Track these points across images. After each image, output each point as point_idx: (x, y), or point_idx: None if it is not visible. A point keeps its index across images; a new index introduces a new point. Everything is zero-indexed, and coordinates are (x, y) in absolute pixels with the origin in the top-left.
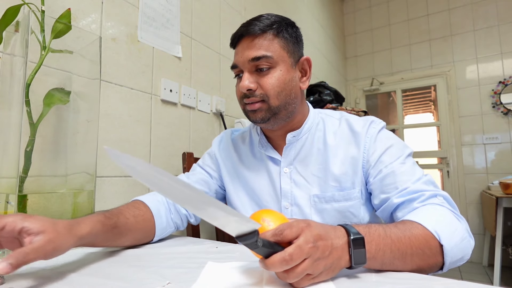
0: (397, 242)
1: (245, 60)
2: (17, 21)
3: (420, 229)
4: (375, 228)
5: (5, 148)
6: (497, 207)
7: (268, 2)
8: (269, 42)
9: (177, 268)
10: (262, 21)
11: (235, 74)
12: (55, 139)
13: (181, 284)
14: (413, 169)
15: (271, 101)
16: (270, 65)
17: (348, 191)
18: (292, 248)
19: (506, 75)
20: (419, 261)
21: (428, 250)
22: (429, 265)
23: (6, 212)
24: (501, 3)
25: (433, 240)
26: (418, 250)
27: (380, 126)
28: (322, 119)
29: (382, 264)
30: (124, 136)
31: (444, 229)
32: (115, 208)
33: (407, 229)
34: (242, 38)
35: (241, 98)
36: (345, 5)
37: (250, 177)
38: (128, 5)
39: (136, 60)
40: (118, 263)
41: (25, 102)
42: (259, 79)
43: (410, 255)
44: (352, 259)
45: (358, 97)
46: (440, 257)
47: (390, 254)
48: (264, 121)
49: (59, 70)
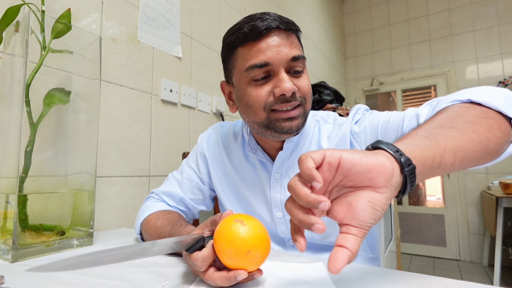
0: (446, 120)
1: (284, 57)
2: (17, 21)
3: (460, 104)
4: (409, 134)
5: (5, 148)
6: (497, 207)
7: (268, 2)
8: (298, 42)
9: (177, 268)
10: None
11: (255, 77)
12: (55, 139)
13: (181, 284)
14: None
15: (307, 104)
16: (302, 68)
17: None
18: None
19: (506, 75)
20: (485, 122)
21: (484, 111)
22: (500, 126)
23: (6, 212)
24: (501, 3)
25: (480, 107)
26: (475, 110)
27: (362, 111)
28: (318, 122)
29: (445, 146)
30: (124, 136)
31: (486, 94)
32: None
33: (446, 110)
34: (273, 31)
35: (267, 104)
36: (345, 5)
37: (240, 181)
38: (128, 5)
39: (136, 60)
40: (118, 263)
41: (25, 102)
42: (295, 81)
43: (476, 118)
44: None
45: (358, 97)
46: (503, 118)
47: (448, 131)
48: (299, 128)
49: (59, 70)
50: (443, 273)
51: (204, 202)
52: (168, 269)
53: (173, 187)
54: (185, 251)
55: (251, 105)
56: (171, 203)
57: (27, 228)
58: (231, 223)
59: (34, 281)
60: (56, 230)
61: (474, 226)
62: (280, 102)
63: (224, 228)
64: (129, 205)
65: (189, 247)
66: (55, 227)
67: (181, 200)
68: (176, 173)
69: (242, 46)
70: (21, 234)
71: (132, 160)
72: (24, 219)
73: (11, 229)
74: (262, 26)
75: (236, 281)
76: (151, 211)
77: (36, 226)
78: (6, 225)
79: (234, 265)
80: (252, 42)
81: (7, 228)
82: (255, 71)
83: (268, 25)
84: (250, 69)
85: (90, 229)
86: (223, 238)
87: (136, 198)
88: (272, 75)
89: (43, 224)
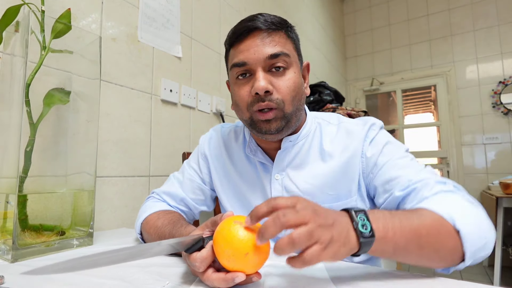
0: (406, 223)
1: (260, 57)
2: (17, 21)
3: (430, 213)
4: (378, 210)
5: (5, 148)
6: (497, 207)
7: (268, 2)
8: (284, 40)
9: (177, 268)
10: (272, 18)
11: (236, 74)
12: (55, 139)
13: (181, 284)
14: (413, 162)
15: (286, 107)
16: (286, 65)
17: (344, 201)
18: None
19: (506, 75)
20: (436, 243)
21: (444, 231)
22: (448, 249)
23: (6, 212)
24: (501, 3)
25: (447, 223)
26: (432, 230)
27: (378, 127)
28: (319, 124)
29: (395, 246)
30: (124, 136)
31: (460, 212)
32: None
33: (416, 211)
34: (252, 32)
35: (248, 104)
36: (345, 5)
37: (241, 182)
38: (128, 5)
39: (136, 60)
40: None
41: (25, 102)
42: (274, 81)
43: (425, 236)
44: (358, 232)
45: (358, 97)
46: (458, 241)
47: (401, 234)
48: (279, 131)
49: (59, 70)
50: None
51: (205, 203)
52: (168, 269)
53: (174, 187)
54: (184, 251)
55: (238, 104)
56: (172, 203)
57: (27, 228)
58: (231, 225)
59: (34, 281)
60: (56, 230)
61: None
62: (257, 101)
63: (224, 229)
64: (129, 205)
65: (188, 247)
66: (55, 227)
67: (182, 200)
68: (177, 173)
69: (231, 47)
70: (21, 234)
71: (132, 160)
72: (24, 219)
73: (11, 229)
74: (243, 28)
75: (234, 283)
76: (152, 211)
77: (36, 226)
78: (6, 225)
79: (232, 267)
80: (237, 44)
81: (7, 228)
82: (235, 69)
83: (248, 27)
84: (232, 67)
85: (90, 229)
86: (222, 239)
87: (136, 198)
88: (252, 75)
89: (43, 224)
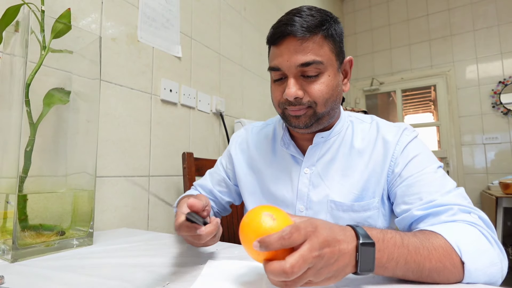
0: (414, 254)
1: (292, 65)
2: (17, 21)
3: (442, 240)
4: (390, 235)
5: (5, 148)
6: (497, 207)
7: (268, 2)
8: (319, 46)
9: (177, 268)
10: (309, 20)
11: (274, 78)
12: (55, 139)
13: (181, 284)
14: (443, 180)
15: (319, 108)
16: (320, 71)
17: (367, 201)
18: (295, 258)
19: (506, 75)
20: (437, 277)
21: (450, 265)
22: (448, 279)
23: (6, 212)
24: (501, 3)
25: (455, 255)
26: (438, 263)
27: (413, 135)
28: (352, 122)
29: (393, 274)
30: (124, 136)
31: (469, 245)
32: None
33: (427, 239)
34: (286, 38)
35: (281, 103)
36: (345, 5)
37: (267, 175)
38: (128, 5)
39: (136, 60)
40: (118, 263)
41: (25, 102)
42: (306, 85)
43: (428, 270)
44: (358, 265)
45: (358, 97)
46: (460, 274)
47: (404, 266)
48: (308, 126)
49: (59, 70)
50: None
51: (231, 195)
52: (168, 269)
53: (205, 181)
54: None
55: (272, 99)
56: (202, 193)
57: (27, 228)
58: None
59: (34, 281)
60: (56, 230)
61: None
62: (288, 104)
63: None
64: (129, 205)
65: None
66: (55, 227)
67: (210, 192)
68: (211, 169)
69: (270, 46)
70: (21, 234)
71: (132, 160)
72: (24, 219)
73: (11, 229)
74: (278, 33)
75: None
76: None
77: (36, 226)
78: (6, 225)
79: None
80: (273, 46)
81: (7, 228)
82: (272, 72)
83: (282, 32)
84: (269, 69)
85: (90, 229)
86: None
87: (136, 198)
88: (286, 77)
89: (43, 224)
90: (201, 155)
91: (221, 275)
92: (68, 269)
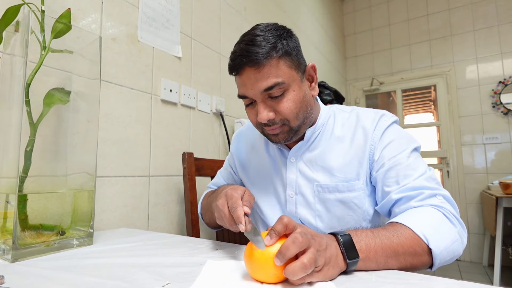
0: (387, 242)
1: (257, 91)
2: (17, 21)
3: (409, 232)
4: (361, 230)
5: (5, 148)
6: (497, 207)
7: (268, 2)
8: (276, 68)
9: (177, 268)
10: (262, 45)
11: (245, 104)
12: (55, 139)
13: (181, 284)
14: (416, 163)
15: (292, 123)
16: (284, 89)
17: (352, 182)
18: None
19: (506, 75)
20: (412, 259)
21: (419, 248)
22: (422, 262)
23: (6, 212)
24: (501, 3)
25: (422, 242)
26: (409, 248)
27: (391, 120)
28: (334, 113)
29: (377, 263)
30: (124, 136)
31: (433, 232)
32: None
33: (396, 230)
34: (244, 68)
35: (258, 124)
36: (345, 5)
37: (259, 167)
38: (128, 5)
39: (136, 60)
40: (118, 263)
41: (25, 102)
42: (275, 105)
43: (402, 254)
44: (345, 255)
45: (358, 97)
46: (429, 258)
47: (382, 253)
48: (287, 140)
49: (59, 70)
50: (443, 273)
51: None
52: (168, 269)
53: (218, 178)
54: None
55: (251, 121)
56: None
57: (27, 228)
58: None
59: (34, 281)
60: (56, 230)
61: (474, 226)
62: (264, 125)
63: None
64: (129, 205)
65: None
66: (55, 227)
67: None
68: (221, 168)
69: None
70: (21, 234)
71: (132, 160)
72: (24, 219)
73: (11, 229)
74: (236, 65)
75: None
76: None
77: (36, 226)
78: (6, 225)
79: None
80: (235, 76)
81: (7, 228)
82: (244, 100)
83: (239, 64)
84: (239, 97)
85: (90, 229)
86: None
87: (136, 198)
88: (256, 101)
89: (43, 224)
90: (201, 155)
91: (221, 275)
92: (68, 269)
